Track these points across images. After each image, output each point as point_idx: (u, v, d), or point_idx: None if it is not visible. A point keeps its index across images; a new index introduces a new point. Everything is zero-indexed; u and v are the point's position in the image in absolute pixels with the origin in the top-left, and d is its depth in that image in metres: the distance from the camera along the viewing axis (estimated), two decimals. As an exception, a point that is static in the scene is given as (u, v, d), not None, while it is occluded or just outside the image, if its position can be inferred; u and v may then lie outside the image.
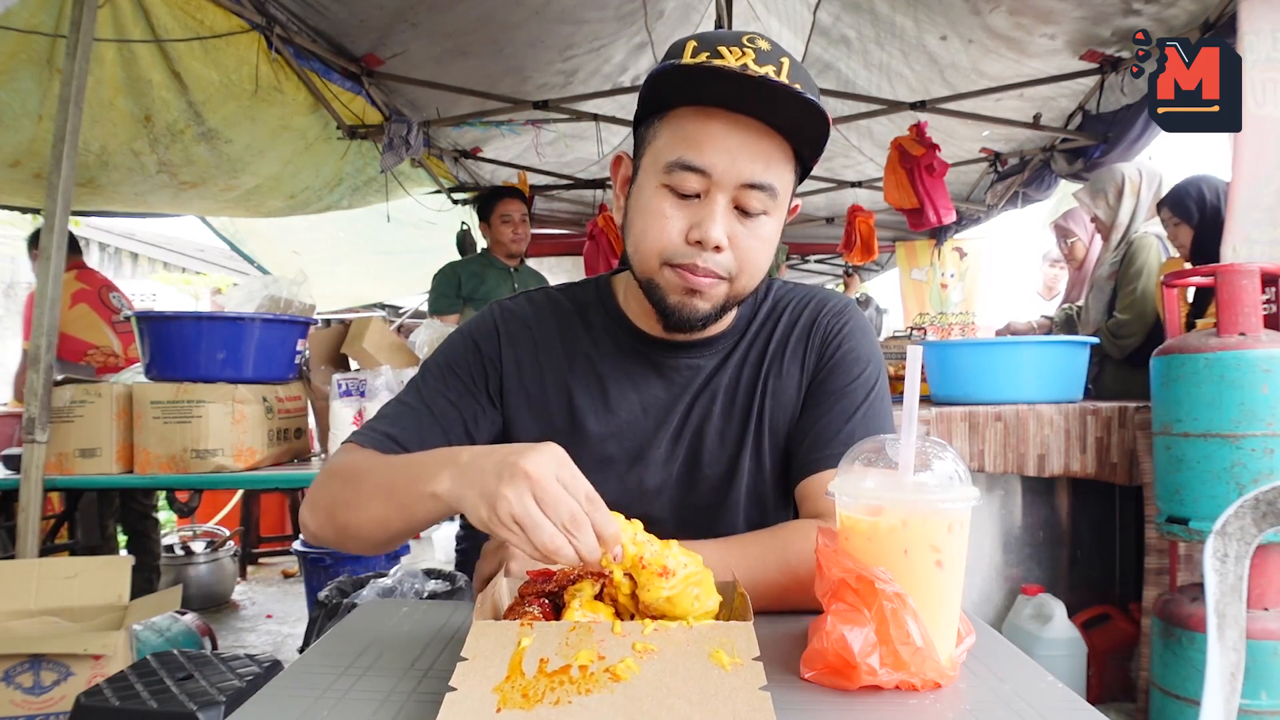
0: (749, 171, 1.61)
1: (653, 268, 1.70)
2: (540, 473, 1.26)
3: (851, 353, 1.90)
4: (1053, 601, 4.51)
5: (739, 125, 1.60)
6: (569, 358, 1.91)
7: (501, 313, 1.98)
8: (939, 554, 1.24)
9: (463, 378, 1.90)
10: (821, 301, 1.97)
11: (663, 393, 1.88)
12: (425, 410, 1.85)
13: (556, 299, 2.01)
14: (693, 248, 1.65)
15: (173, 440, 4.13)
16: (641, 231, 1.70)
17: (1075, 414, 4.60)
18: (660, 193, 1.66)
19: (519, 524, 1.25)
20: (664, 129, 1.67)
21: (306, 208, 7.69)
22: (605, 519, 1.28)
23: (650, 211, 1.68)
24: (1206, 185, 5.08)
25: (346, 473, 1.66)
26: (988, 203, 9.49)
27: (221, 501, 9.09)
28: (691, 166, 1.61)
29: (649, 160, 1.70)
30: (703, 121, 1.61)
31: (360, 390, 4.30)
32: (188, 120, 5.55)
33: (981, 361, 4.79)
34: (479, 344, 1.94)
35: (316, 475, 1.74)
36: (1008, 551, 4.84)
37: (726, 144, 1.60)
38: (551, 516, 1.24)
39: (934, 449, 1.30)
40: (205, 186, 6.51)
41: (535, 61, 6.71)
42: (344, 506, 1.62)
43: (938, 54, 6.49)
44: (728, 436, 1.88)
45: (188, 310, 9.36)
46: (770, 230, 1.69)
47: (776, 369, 1.90)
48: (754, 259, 1.69)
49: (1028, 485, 4.84)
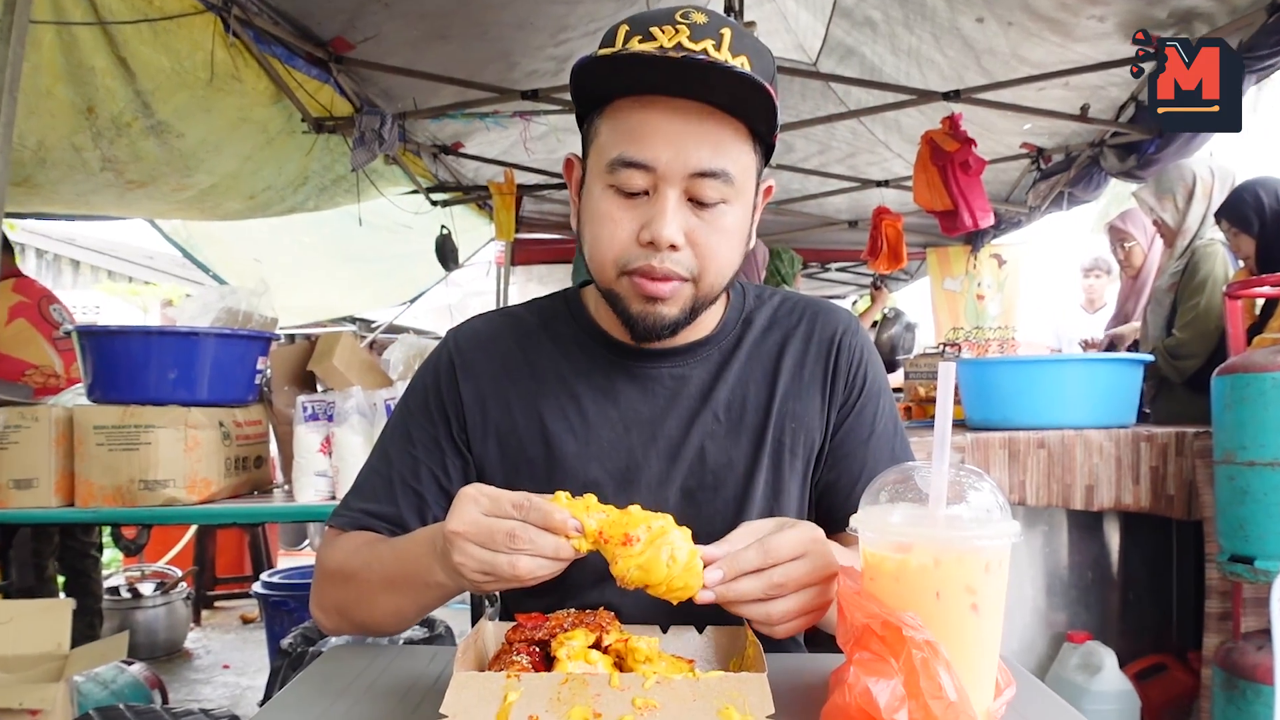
0: (696, 160, 1.63)
1: (610, 277, 1.74)
2: (463, 523, 1.40)
3: (875, 382, 1.98)
4: (1102, 650, 4.50)
5: (680, 111, 1.62)
6: (536, 379, 1.93)
7: (455, 342, 2.01)
8: (975, 596, 1.24)
9: (425, 426, 1.95)
10: (831, 317, 2.00)
11: (645, 406, 1.89)
12: (395, 474, 1.93)
13: (516, 315, 2.04)
14: (646, 249, 1.67)
15: (118, 470, 4.10)
16: (593, 239, 1.73)
17: (1127, 440, 4.59)
18: (607, 194, 1.69)
19: (487, 575, 1.41)
20: (604, 125, 1.71)
21: (268, 210, 7.68)
22: (544, 513, 1.39)
23: (599, 216, 1.71)
24: (1264, 189, 5.08)
25: (345, 572, 1.79)
26: (1029, 204, 9.48)
27: (173, 538, 9.09)
28: (633, 162, 1.64)
29: (593, 160, 1.74)
30: (641, 112, 1.64)
31: (328, 414, 4.29)
32: (135, 112, 5.54)
33: (1023, 381, 4.79)
34: (434, 386, 1.97)
35: (315, 572, 1.88)
36: (1052, 594, 4.84)
37: (668, 133, 1.63)
38: (499, 549, 1.38)
39: (969, 479, 1.30)
40: (155, 186, 6.50)
41: (524, 46, 6.73)
42: (355, 606, 1.77)
43: (973, 38, 6.50)
44: (736, 458, 1.89)
45: (135, 324, 9.35)
46: (733, 220, 1.72)
47: (794, 390, 1.92)
48: (717, 254, 1.72)
49: (1074, 520, 4.83)
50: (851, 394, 1.94)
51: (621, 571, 1.38)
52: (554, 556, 1.39)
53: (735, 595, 1.42)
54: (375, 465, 1.97)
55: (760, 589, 1.43)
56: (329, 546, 1.89)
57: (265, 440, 4.70)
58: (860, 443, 1.93)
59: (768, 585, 1.42)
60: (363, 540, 1.84)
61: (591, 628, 1.42)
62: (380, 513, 1.90)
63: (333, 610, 1.82)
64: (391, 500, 1.90)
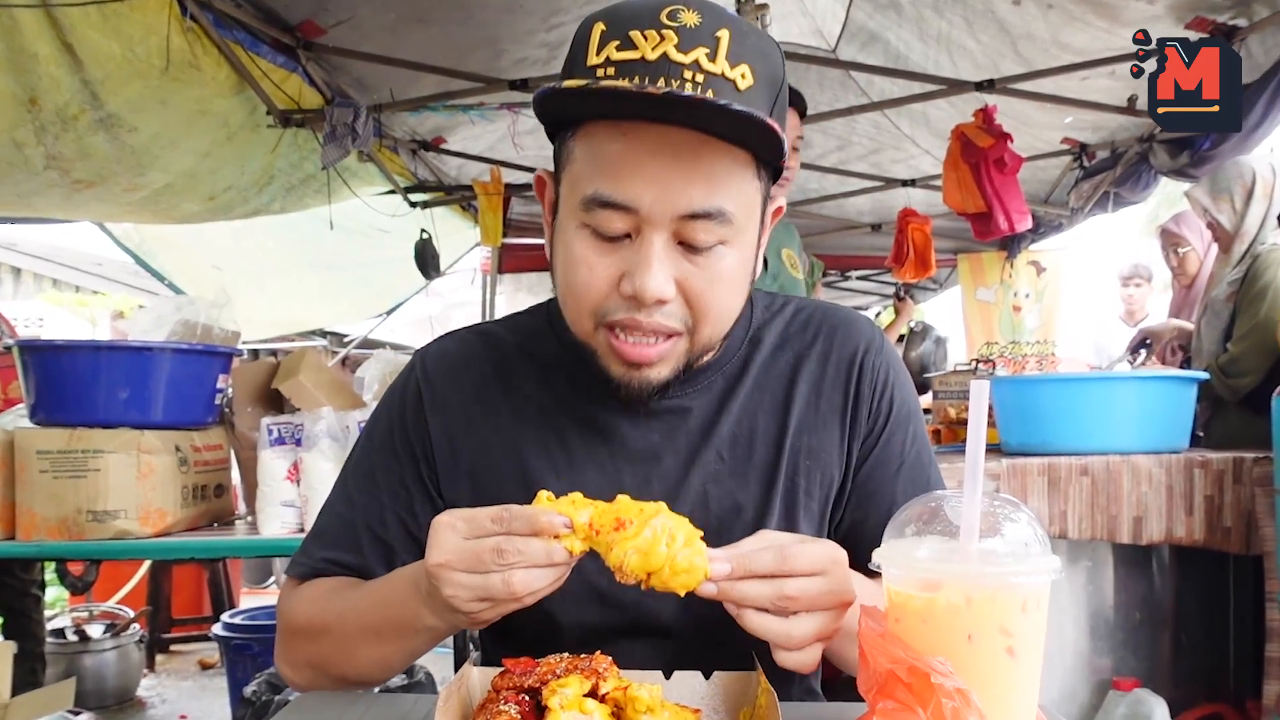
0: (686, 201, 1.55)
1: (586, 329, 1.68)
2: (445, 553, 1.42)
3: (904, 405, 1.92)
4: (1151, 698, 4.50)
5: (666, 141, 1.54)
6: (515, 410, 1.88)
7: (423, 367, 1.95)
8: (1011, 639, 1.24)
9: (391, 465, 1.91)
10: (850, 332, 1.93)
11: (638, 443, 1.84)
12: (359, 520, 1.90)
13: (494, 335, 1.98)
14: (629, 304, 1.60)
15: (64, 499, 4.10)
16: (566, 285, 1.67)
17: (1179, 467, 4.59)
18: (582, 235, 1.62)
19: (482, 601, 1.42)
20: (578, 148, 1.62)
21: (229, 212, 7.69)
22: (527, 518, 1.41)
23: (573, 259, 1.63)
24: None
25: (316, 626, 1.78)
26: (1071, 206, 9.46)
27: (124, 575, 9.07)
28: (611, 203, 1.56)
29: (567, 188, 1.66)
30: (620, 141, 1.56)
31: (296, 437, 4.29)
32: (82, 104, 5.53)
33: (1064, 402, 4.79)
34: (399, 418, 1.93)
35: (278, 627, 1.87)
36: (1096, 636, 4.84)
37: (652, 169, 1.54)
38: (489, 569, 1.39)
39: (1004, 510, 1.30)
40: (104, 185, 6.50)
41: (512, 31, 6.73)
42: (332, 660, 1.76)
43: (1009, 22, 6.51)
44: (743, 502, 1.84)
45: (83, 339, 9.36)
46: (732, 264, 1.64)
47: (810, 421, 1.87)
48: (715, 304, 1.64)
49: (1121, 555, 4.83)
50: (877, 423, 1.89)
51: (618, 559, 1.39)
52: (547, 562, 1.40)
53: (741, 597, 1.42)
54: (338, 507, 1.94)
55: (769, 597, 1.42)
56: (292, 598, 1.87)
57: (226, 467, 4.70)
58: (888, 477, 1.88)
59: (778, 595, 1.42)
60: (330, 587, 1.83)
61: (587, 674, 1.42)
62: (344, 562, 1.88)
63: (305, 667, 1.81)
64: (356, 549, 1.88)
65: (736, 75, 1.53)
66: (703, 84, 1.50)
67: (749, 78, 1.54)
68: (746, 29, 1.57)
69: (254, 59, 6.10)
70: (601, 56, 1.54)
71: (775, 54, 1.62)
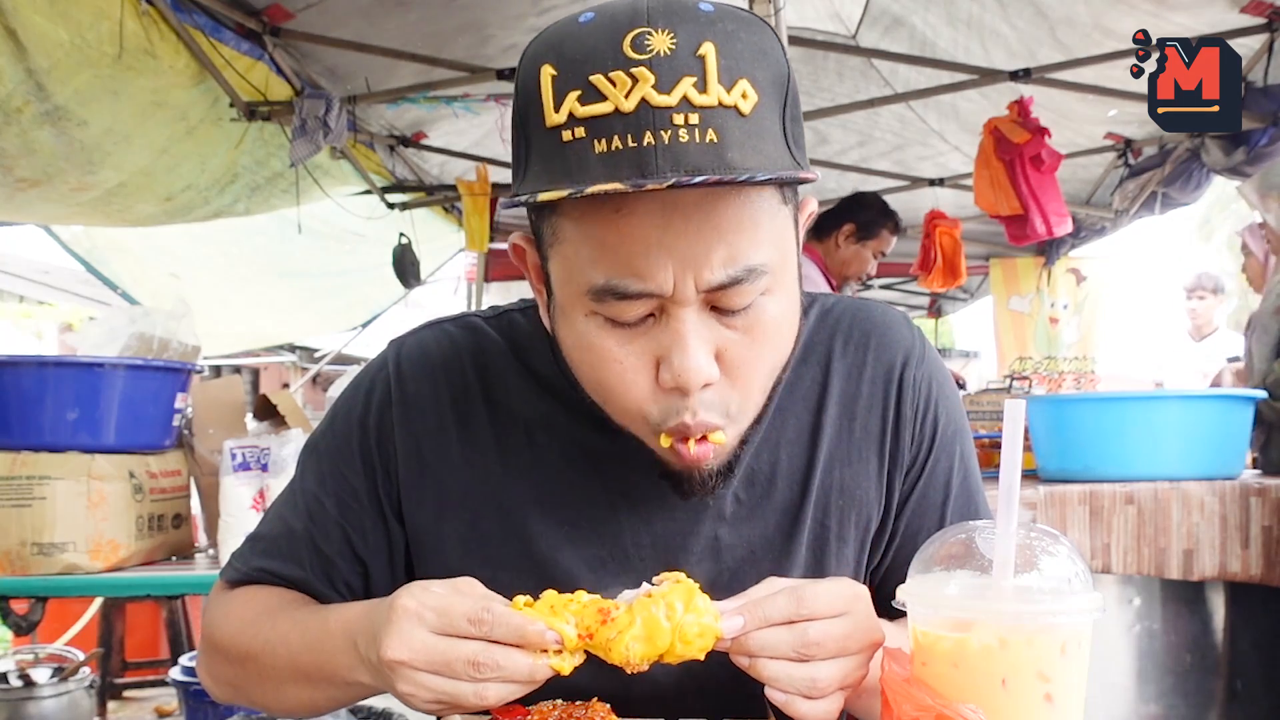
0: (709, 273, 1.42)
1: (641, 430, 1.58)
2: (408, 650, 1.37)
3: (950, 424, 1.84)
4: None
5: (676, 206, 1.39)
6: (497, 424, 1.78)
7: (396, 363, 1.85)
8: (1049, 684, 1.24)
9: (344, 474, 1.83)
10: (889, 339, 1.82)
11: (644, 475, 1.68)
12: (303, 530, 1.83)
13: (480, 332, 1.85)
14: (672, 395, 1.49)
15: (6, 530, 4.09)
16: (598, 383, 1.56)
17: (1234, 495, 4.58)
18: (594, 323, 1.50)
19: (444, 705, 1.38)
20: (568, 227, 1.48)
21: (189, 214, 7.70)
22: (511, 627, 1.36)
23: (595, 353, 1.52)
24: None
25: (240, 651, 1.75)
26: (1115, 207, 9.48)
27: (74, 614, 9.06)
28: (627, 294, 1.43)
29: (561, 270, 1.53)
30: (620, 219, 1.41)
31: (262, 462, 4.28)
32: (26, 95, 5.54)
33: (1107, 423, 4.78)
34: (360, 420, 1.83)
35: (201, 633, 1.85)
36: (1143, 681, 4.83)
37: (664, 245, 1.40)
38: (460, 677, 1.35)
39: (1042, 542, 1.30)
40: (51, 185, 6.51)
41: (499, 15, 6.75)
42: (255, 689, 1.75)
43: (1048, 4, 6.53)
44: (760, 549, 1.76)
45: (26, 354, 9.36)
46: (778, 308, 1.53)
47: (842, 452, 1.78)
48: (759, 370, 1.54)
49: (1170, 591, 4.82)
50: (921, 450, 1.80)
51: (622, 656, 1.36)
52: (529, 680, 1.37)
53: (760, 648, 1.39)
54: (282, 512, 1.88)
55: (791, 645, 1.38)
56: (220, 606, 1.84)
57: (185, 494, 4.69)
58: (933, 508, 1.81)
59: (801, 641, 1.38)
60: (261, 606, 1.78)
61: (580, 721, 1.42)
62: (282, 574, 1.82)
63: (226, 685, 1.81)
64: (297, 562, 1.82)
65: (736, 98, 1.38)
66: (699, 124, 1.36)
67: (751, 94, 1.39)
68: (732, 27, 1.42)
69: (216, 46, 6.10)
70: (563, 114, 1.39)
71: (773, 45, 1.47)
